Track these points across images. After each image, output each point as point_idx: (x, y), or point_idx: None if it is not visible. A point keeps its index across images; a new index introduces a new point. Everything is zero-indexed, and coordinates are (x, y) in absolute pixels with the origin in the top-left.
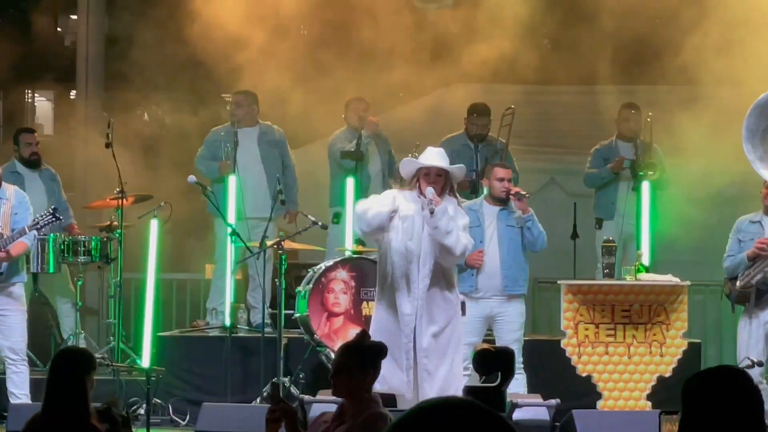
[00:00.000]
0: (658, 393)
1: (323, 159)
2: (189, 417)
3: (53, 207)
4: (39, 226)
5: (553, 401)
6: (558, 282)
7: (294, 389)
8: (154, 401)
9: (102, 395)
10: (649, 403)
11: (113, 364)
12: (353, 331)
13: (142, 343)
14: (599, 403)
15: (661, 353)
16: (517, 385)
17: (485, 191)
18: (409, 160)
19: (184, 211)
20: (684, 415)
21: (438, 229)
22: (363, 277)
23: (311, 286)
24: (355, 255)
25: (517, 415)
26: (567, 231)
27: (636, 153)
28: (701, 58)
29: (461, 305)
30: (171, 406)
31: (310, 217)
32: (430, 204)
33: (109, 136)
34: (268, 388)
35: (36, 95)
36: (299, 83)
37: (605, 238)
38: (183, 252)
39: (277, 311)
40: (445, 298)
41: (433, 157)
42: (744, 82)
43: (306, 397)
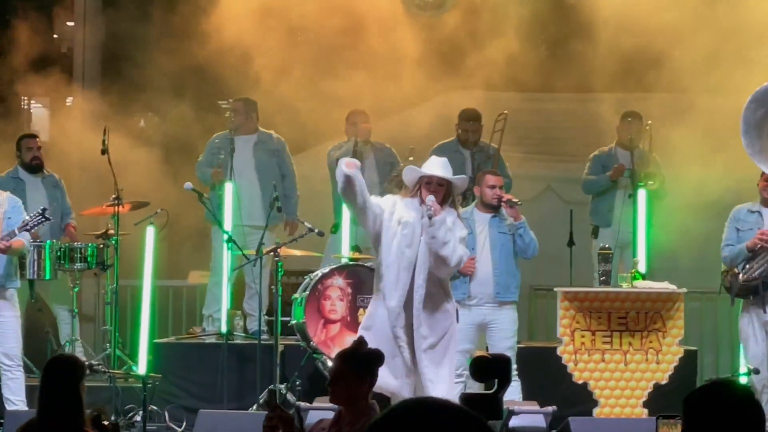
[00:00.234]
0: (655, 400)
1: (322, 165)
2: (185, 424)
3: (42, 208)
4: (29, 227)
5: (550, 408)
6: (554, 289)
7: (290, 396)
8: (150, 408)
9: (98, 402)
10: (645, 411)
11: (109, 371)
12: (350, 338)
13: (139, 350)
14: (596, 411)
15: (657, 360)
16: (512, 392)
17: (477, 198)
18: (411, 167)
19: (181, 218)
20: (685, 429)
21: (435, 239)
22: (360, 284)
23: (308, 293)
24: (351, 262)
25: (514, 422)
26: (563, 238)
27: (635, 161)
28: (697, 67)
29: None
30: (167, 413)
31: (306, 224)
32: (429, 210)
33: (105, 142)
34: (265, 395)
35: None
36: (306, 89)
37: (601, 245)
38: (180, 259)
39: (273, 318)
40: (443, 309)
41: (436, 166)
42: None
43: (303, 404)
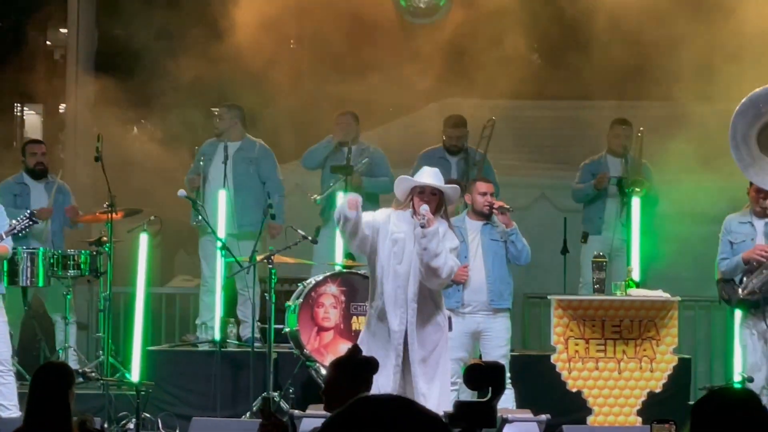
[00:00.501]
0: (649, 408)
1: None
2: None
3: (29, 211)
4: (16, 231)
5: (544, 417)
6: (548, 297)
7: (284, 404)
8: (143, 416)
9: (91, 410)
10: (639, 419)
11: (102, 379)
12: (343, 346)
13: (132, 358)
14: (589, 419)
15: (651, 369)
16: (506, 400)
17: (468, 206)
18: (403, 177)
19: (174, 225)
20: None
21: (427, 251)
22: (353, 292)
23: (301, 300)
24: (344, 269)
25: (508, 430)
26: (557, 246)
27: (625, 169)
28: (690, 75)
29: (448, 321)
30: (160, 421)
31: (300, 231)
32: (423, 219)
33: (99, 149)
34: (259, 402)
35: (25, 109)
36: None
37: (595, 253)
38: (173, 266)
39: (266, 326)
40: (434, 322)
41: (429, 176)
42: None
43: (296, 411)
